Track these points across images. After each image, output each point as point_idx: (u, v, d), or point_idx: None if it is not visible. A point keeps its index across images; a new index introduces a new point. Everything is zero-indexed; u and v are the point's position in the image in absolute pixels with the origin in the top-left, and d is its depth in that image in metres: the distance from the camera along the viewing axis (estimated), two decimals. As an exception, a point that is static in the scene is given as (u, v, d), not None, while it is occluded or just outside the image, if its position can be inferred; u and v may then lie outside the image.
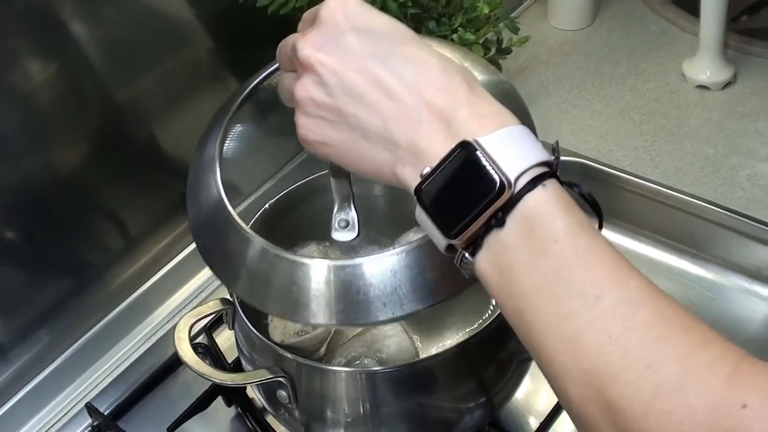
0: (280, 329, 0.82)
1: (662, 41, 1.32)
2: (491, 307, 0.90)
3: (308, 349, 0.82)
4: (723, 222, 1.01)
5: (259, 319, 0.84)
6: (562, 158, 0.86)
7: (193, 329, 0.78)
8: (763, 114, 1.17)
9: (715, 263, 1.04)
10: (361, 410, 0.75)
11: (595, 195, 1.06)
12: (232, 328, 0.82)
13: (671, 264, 1.05)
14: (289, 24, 1.11)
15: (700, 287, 1.03)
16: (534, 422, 0.89)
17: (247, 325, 0.76)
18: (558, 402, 0.87)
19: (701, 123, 1.17)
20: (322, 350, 0.84)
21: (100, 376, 1.01)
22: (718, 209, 1.02)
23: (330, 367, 0.76)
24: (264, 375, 0.74)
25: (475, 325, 0.90)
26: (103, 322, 1.02)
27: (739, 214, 1.00)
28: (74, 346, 1.00)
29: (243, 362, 0.83)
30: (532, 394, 0.92)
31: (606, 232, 1.06)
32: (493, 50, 1.06)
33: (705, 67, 1.22)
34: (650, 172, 1.08)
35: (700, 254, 1.04)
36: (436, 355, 0.75)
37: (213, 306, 0.81)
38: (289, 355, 0.74)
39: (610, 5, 1.41)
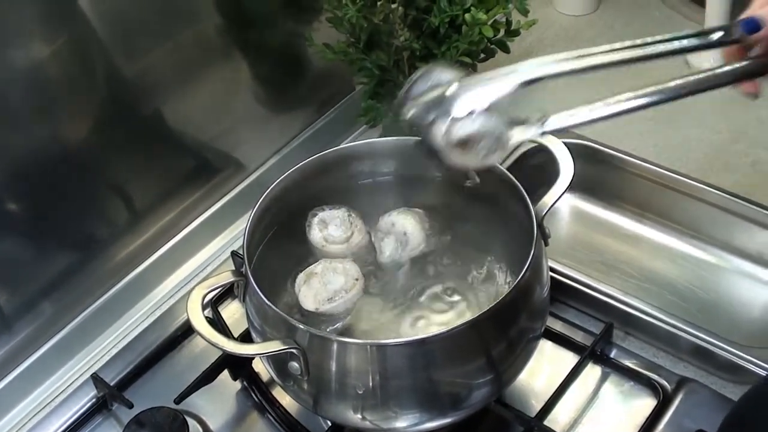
0: (311, 297, 0.83)
1: (666, 28, 1.31)
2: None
3: (340, 315, 0.84)
4: (725, 206, 1.02)
5: (271, 291, 0.84)
6: (567, 140, 0.87)
7: (204, 300, 0.78)
8: (766, 102, 1.18)
9: (717, 247, 1.04)
10: (371, 383, 0.75)
11: (600, 177, 1.08)
12: (243, 300, 0.82)
13: (673, 247, 1.06)
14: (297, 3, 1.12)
15: (702, 271, 1.03)
16: (537, 403, 0.89)
17: (261, 297, 0.76)
18: (560, 384, 0.88)
19: (705, 110, 1.18)
20: (350, 317, 0.84)
21: (105, 348, 1.01)
22: (721, 193, 1.02)
23: (342, 339, 0.76)
24: (277, 346, 0.74)
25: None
26: (107, 295, 1.02)
27: (741, 199, 1.01)
28: (79, 318, 1.00)
29: (253, 335, 0.83)
30: (536, 375, 0.92)
31: (610, 215, 1.09)
32: (502, 32, 1.06)
33: (709, 54, 1.23)
34: (653, 157, 1.09)
35: (702, 238, 1.05)
36: (447, 331, 0.75)
37: (225, 277, 0.81)
38: (302, 327, 0.74)
39: (615, -8, 1.41)
